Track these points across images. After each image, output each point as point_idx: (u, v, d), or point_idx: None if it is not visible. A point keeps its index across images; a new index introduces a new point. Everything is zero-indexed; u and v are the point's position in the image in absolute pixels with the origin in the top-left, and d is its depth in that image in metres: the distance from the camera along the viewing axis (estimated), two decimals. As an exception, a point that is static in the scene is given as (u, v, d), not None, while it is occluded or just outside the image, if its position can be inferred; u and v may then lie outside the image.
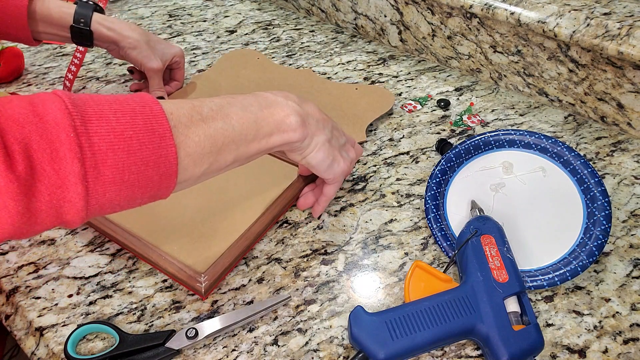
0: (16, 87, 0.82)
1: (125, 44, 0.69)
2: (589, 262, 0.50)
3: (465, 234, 0.51)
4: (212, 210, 0.58)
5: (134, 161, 0.33)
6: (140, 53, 0.70)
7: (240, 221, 0.56)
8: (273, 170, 0.62)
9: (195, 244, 0.54)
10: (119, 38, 0.69)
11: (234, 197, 0.59)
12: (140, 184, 0.34)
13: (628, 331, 0.48)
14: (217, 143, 0.39)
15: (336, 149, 0.51)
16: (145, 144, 0.33)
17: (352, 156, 0.54)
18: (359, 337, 0.44)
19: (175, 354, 0.46)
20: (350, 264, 0.54)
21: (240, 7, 1.06)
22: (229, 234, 0.55)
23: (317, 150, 0.48)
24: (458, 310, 0.45)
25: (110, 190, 0.33)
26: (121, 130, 0.32)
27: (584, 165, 0.55)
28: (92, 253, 0.55)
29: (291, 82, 0.79)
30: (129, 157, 0.33)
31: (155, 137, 0.34)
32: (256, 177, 0.62)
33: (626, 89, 0.66)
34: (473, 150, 0.60)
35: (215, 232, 0.55)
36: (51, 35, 0.68)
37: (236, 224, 0.56)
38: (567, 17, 0.65)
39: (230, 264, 0.52)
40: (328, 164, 0.50)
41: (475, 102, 0.76)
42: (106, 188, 0.32)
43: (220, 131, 0.39)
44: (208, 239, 0.54)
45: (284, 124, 0.44)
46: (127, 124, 0.33)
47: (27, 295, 0.51)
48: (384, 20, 0.88)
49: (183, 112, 0.37)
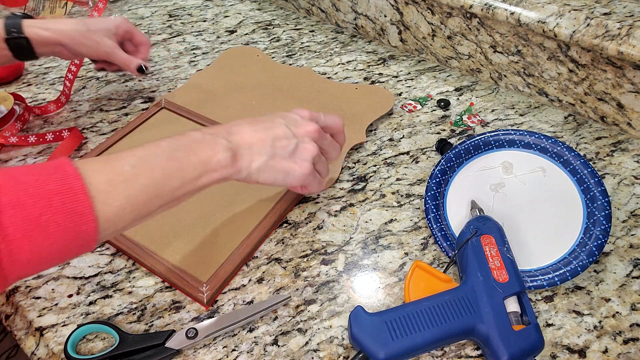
0: (16, 87, 0.82)
1: (69, 41, 0.63)
2: (589, 262, 0.50)
3: (465, 234, 0.51)
4: (213, 216, 0.58)
5: (52, 242, 0.34)
6: (87, 45, 0.65)
7: (242, 227, 0.56)
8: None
9: (196, 251, 0.54)
10: (60, 37, 0.63)
11: (234, 202, 0.59)
12: (60, 257, 0.36)
13: (628, 331, 0.48)
14: (140, 201, 0.39)
15: (285, 160, 0.48)
16: (62, 225, 0.34)
17: (309, 154, 0.49)
18: (359, 338, 0.44)
19: (175, 354, 0.46)
20: (350, 264, 0.54)
21: (240, 7, 1.06)
22: (231, 240, 0.55)
23: (262, 172, 0.47)
24: (458, 310, 0.45)
25: (26, 268, 0.34)
26: (37, 216, 0.33)
27: (583, 165, 0.55)
28: (92, 253, 0.55)
29: (291, 80, 0.79)
30: (45, 240, 0.33)
31: (75, 216, 0.34)
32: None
33: (626, 89, 0.66)
34: (473, 150, 0.60)
35: (216, 238, 0.55)
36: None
37: (238, 229, 0.56)
38: (567, 17, 0.65)
39: (233, 272, 0.52)
40: (281, 178, 0.48)
41: (475, 102, 0.76)
42: (23, 267, 0.34)
43: (142, 189, 0.39)
44: (209, 246, 0.54)
45: (211, 163, 0.43)
46: (44, 207, 0.33)
47: (27, 295, 0.51)
48: (384, 20, 0.88)
49: (103, 178, 0.37)
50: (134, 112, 0.76)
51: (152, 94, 0.80)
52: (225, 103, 0.75)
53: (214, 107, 0.74)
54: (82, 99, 0.79)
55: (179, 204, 0.43)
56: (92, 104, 0.78)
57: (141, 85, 0.82)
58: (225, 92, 0.78)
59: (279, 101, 0.75)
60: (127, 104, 0.77)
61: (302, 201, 0.61)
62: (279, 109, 0.73)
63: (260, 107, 0.74)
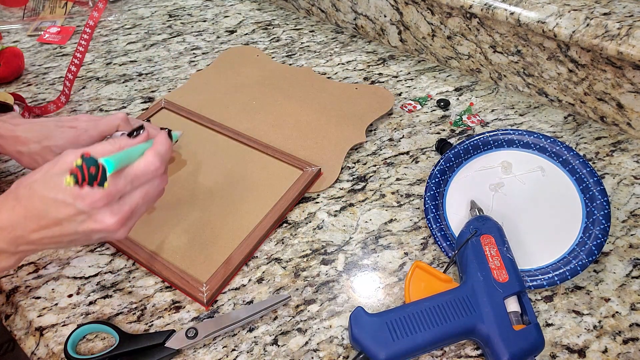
0: (16, 87, 0.82)
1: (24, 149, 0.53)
2: (589, 261, 0.50)
3: (465, 234, 0.51)
4: (213, 216, 0.58)
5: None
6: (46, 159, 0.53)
7: (242, 227, 0.56)
8: (273, 172, 0.62)
9: (196, 251, 0.54)
10: None
11: (234, 202, 0.59)
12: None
13: (628, 331, 0.48)
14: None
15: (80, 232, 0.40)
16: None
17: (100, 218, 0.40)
18: (360, 338, 0.44)
19: (175, 353, 0.46)
20: (350, 263, 0.54)
21: (240, 7, 1.06)
22: (231, 240, 0.55)
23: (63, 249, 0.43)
24: (458, 310, 0.45)
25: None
26: None
27: (582, 165, 0.55)
28: (92, 253, 0.55)
29: (291, 80, 0.80)
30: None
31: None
32: (256, 180, 0.62)
33: (626, 89, 0.66)
34: (472, 150, 0.60)
35: (216, 238, 0.55)
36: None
37: (237, 229, 0.56)
38: (566, 17, 0.65)
39: (232, 272, 0.52)
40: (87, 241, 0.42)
41: (475, 102, 0.76)
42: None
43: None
44: (209, 246, 0.54)
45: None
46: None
47: (27, 295, 0.51)
48: (384, 20, 0.88)
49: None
50: (134, 112, 0.76)
51: (152, 94, 0.80)
52: (225, 103, 0.75)
53: (214, 107, 0.74)
54: (82, 99, 0.79)
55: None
56: (92, 104, 0.78)
57: (141, 85, 0.82)
58: (225, 92, 0.78)
59: (279, 101, 0.75)
60: (127, 104, 0.77)
61: (302, 201, 0.61)
62: (279, 109, 0.73)
63: (260, 107, 0.74)
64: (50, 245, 0.41)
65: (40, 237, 0.40)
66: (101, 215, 0.39)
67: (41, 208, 0.38)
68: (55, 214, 0.38)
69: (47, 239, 0.40)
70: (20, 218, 0.39)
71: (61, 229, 0.39)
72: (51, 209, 0.38)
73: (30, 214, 0.39)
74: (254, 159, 0.65)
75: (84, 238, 0.41)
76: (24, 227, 0.39)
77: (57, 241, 0.40)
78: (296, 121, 0.71)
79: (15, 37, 0.96)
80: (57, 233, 0.39)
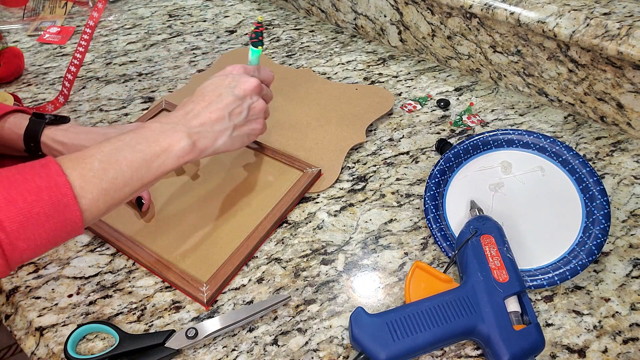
0: (16, 87, 0.82)
1: None
2: (589, 261, 0.50)
3: (465, 234, 0.51)
4: (213, 216, 0.58)
5: (44, 230, 0.39)
6: None
7: (242, 227, 0.56)
8: (273, 174, 0.62)
9: (196, 251, 0.54)
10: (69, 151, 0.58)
11: (235, 204, 0.59)
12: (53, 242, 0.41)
13: (628, 331, 0.48)
14: (110, 192, 0.43)
15: (244, 125, 0.53)
16: (52, 216, 0.39)
17: (260, 111, 0.55)
18: (360, 339, 0.44)
19: (175, 353, 0.46)
20: (350, 263, 0.54)
21: (240, 7, 1.06)
22: (231, 240, 0.55)
23: (228, 145, 0.52)
24: (459, 310, 0.45)
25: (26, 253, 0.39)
26: (29, 209, 0.38)
27: (582, 165, 0.55)
28: (92, 253, 0.55)
29: (291, 80, 0.79)
30: (38, 229, 0.39)
31: (61, 207, 0.39)
32: (256, 180, 0.62)
33: (626, 89, 0.66)
34: (472, 150, 0.60)
35: (216, 238, 0.55)
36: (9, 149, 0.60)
37: (238, 229, 0.56)
38: (566, 17, 0.65)
39: (233, 272, 0.52)
40: (246, 141, 0.55)
41: (475, 102, 0.76)
42: (22, 253, 0.39)
43: (112, 181, 0.42)
44: (209, 246, 0.54)
45: (174, 151, 0.46)
46: (35, 201, 0.38)
47: (27, 295, 0.51)
48: (384, 20, 0.88)
49: (76, 174, 0.41)
50: (134, 112, 0.76)
51: (152, 94, 0.80)
52: (225, 103, 0.75)
53: (214, 107, 0.74)
54: (82, 99, 0.79)
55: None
56: (92, 104, 0.78)
57: (141, 86, 0.82)
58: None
59: (279, 102, 0.75)
60: (127, 104, 0.77)
61: (302, 201, 0.61)
62: (279, 110, 0.73)
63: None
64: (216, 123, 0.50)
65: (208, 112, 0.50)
66: (244, 78, 0.53)
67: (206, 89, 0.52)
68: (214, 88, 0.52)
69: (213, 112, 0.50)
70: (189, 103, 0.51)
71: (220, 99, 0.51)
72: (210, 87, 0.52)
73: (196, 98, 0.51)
74: (254, 160, 0.65)
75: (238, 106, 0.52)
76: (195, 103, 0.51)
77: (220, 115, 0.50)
78: (296, 122, 0.71)
79: (15, 37, 0.96)
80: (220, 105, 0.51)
